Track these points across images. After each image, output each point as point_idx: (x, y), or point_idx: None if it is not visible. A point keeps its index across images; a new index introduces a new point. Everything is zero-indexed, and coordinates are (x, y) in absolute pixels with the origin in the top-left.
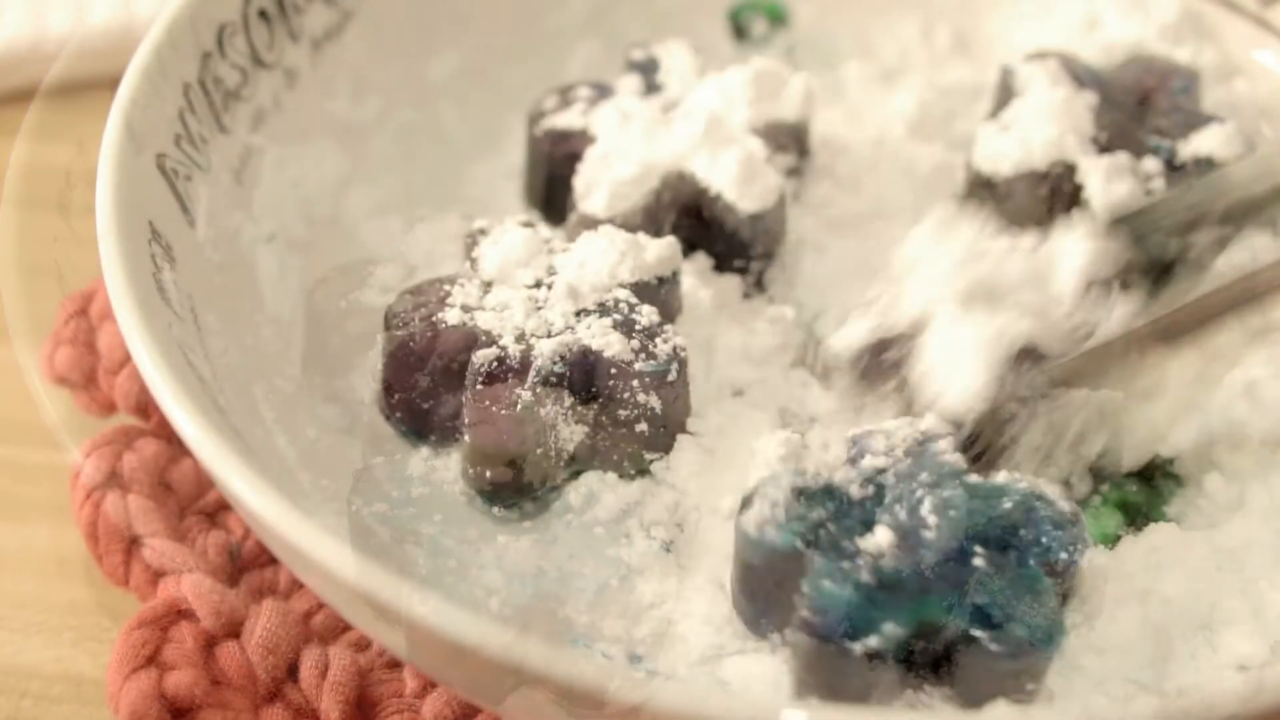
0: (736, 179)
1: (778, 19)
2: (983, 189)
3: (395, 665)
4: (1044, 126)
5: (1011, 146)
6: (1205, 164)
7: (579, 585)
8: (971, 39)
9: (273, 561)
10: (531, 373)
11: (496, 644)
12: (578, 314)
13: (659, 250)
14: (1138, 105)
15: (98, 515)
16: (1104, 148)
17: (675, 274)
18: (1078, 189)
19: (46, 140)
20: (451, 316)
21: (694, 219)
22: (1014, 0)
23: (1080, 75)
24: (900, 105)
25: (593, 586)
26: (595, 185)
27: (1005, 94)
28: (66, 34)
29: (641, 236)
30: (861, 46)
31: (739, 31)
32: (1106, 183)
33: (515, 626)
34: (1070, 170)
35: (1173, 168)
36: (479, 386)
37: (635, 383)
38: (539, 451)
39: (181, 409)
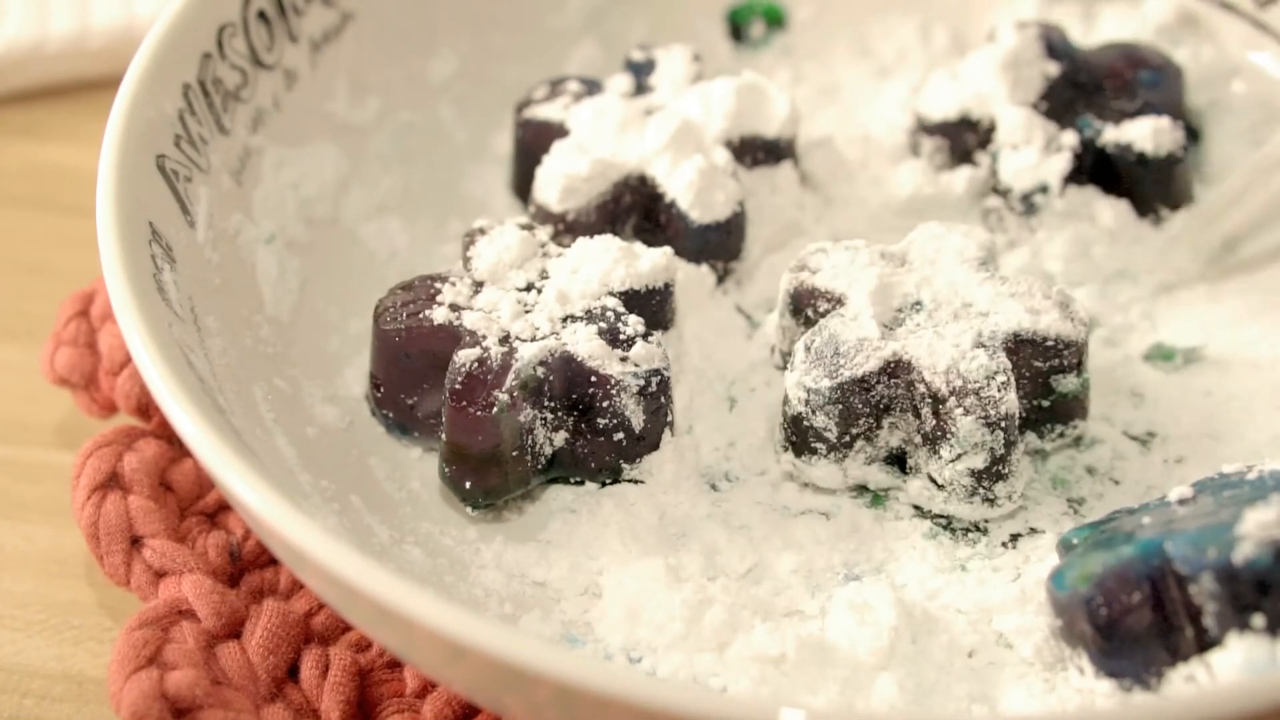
0: (694, 188)
1: (776, 21)
2: (921, 131)
3: (395, 665)
4: (982, 80)
5: (947, 94)
6: (1125, 150)
7: (578, 585)
8: (969, 40)
9: (273, 561)
10: (510, 375)
11: (496, 644)
12: (565, 320)
13: (653, 260)
14: (1098, 86)
15: (99, 515)
16: (1044, 115)
17: (668, 285)
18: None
19: (46, 140)
20: (438, 315)
21: (654, 223)
22: (1012, 1)
23: (1055, 46)
24: (895, 104)
25: (591, 587)
26: (551, 178)
27: None
28: (68, 35)
29: (637, 245)
30: (859, 48)
31: (737, 33)
32: (1013, 141)
33: (514, 626)
34: (993, 124)
35: (1091, 147)
36: (458, 386)
37: (615, 392)
38: (514, 454)
39: (181, 409)
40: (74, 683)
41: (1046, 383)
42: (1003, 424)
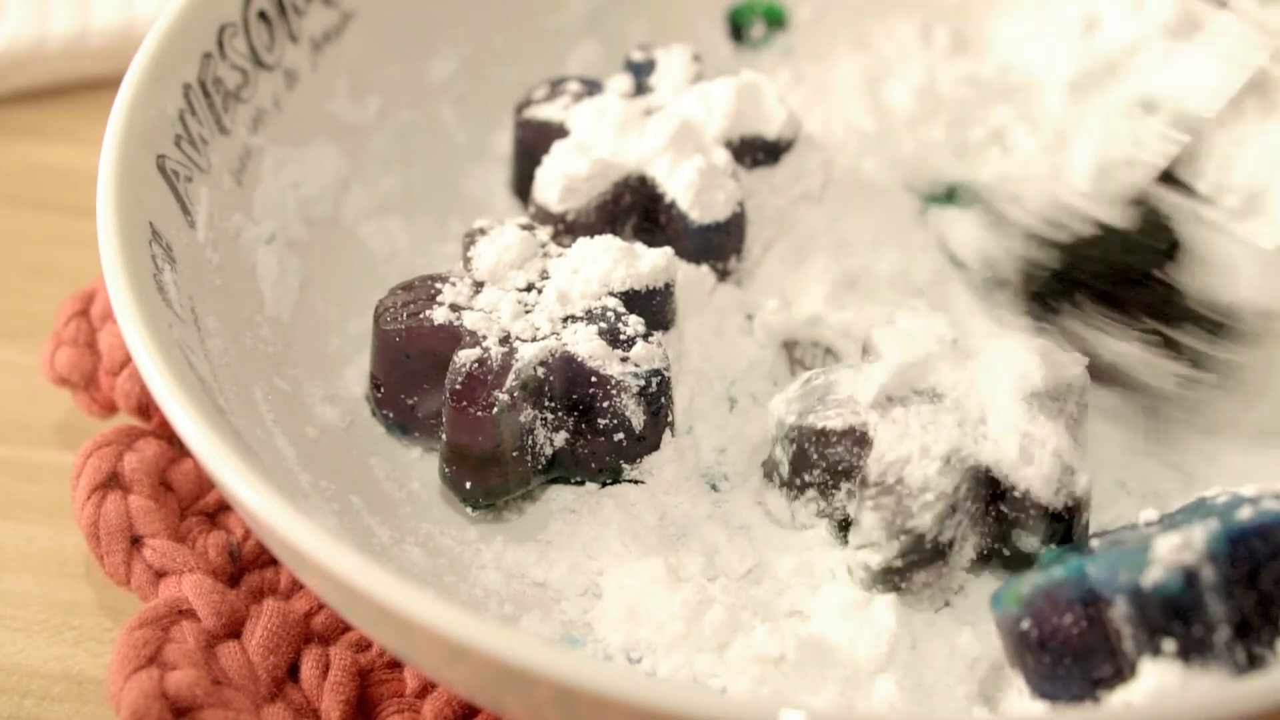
0: (694, 188)
1: (776, 21)
2: None
3: (395, 665)
4: None
5: None
6: None
7: (578, 586)
8: (970, 40)
9: (273, 561)
10: (510, 376)
11: (496, 644)
12: (565, 320)
13: (653, 260)
14: None
15: (99, 515)
16: None
17: (669, 285)
18: None
19: (46, 140)
20: (439, 315)
21: (654, 223)
22: (1013, 1)
23: None
24: (896, 104)
25: (592, 587)
26: (551, 178)
27: None
28: (68, 35)
29: (637, 246)
30: (860, 48)
31: (737, 33)
32: None
33: (514, 627)
34: None
35: None
36: (458, 386)
37: (615, 392)
38: (515, 455)
39: (181, 409)
40: (74, 683)
41: (1007, 533)
42: (903, 537)
